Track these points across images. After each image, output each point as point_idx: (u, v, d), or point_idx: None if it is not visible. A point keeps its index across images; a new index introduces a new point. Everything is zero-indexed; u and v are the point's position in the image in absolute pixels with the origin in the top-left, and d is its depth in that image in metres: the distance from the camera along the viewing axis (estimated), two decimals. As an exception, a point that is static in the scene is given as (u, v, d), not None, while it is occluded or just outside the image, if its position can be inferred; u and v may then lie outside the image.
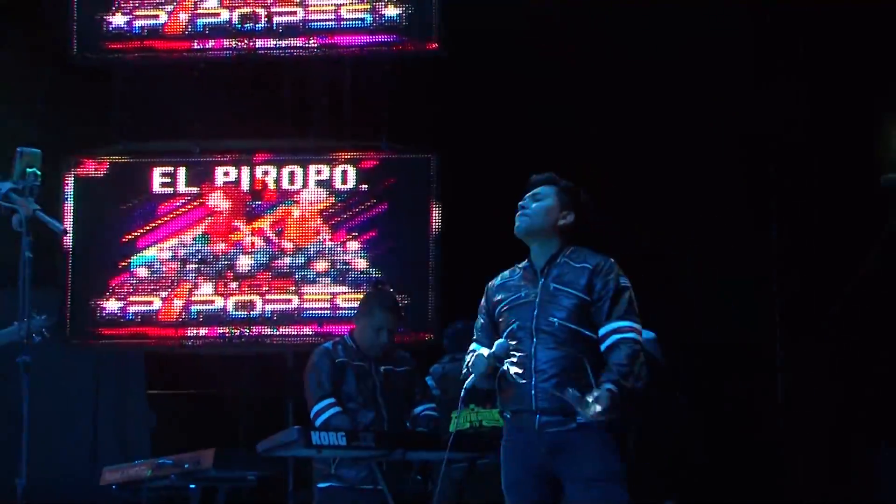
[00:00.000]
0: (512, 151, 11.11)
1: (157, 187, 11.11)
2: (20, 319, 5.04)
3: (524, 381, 5.99)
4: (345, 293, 10.81)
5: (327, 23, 11.09)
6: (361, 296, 8.43)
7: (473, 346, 6.30)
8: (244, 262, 11.01)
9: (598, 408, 5.73)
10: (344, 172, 11.04)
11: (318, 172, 11.05)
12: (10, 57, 11.83)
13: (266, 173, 11.08)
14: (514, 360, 6.02)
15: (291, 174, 11.06)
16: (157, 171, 11.13)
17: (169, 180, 11.11)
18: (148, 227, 11.05)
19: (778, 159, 11.07)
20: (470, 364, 6.12)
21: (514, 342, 6.07)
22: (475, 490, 7.47)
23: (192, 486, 8.05)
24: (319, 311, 10.90)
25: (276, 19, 11.11)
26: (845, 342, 10.70)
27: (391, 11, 10.99)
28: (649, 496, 7.82)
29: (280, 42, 11.13)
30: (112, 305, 10.95)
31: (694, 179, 10.86)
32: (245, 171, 11.09)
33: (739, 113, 10.93)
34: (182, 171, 11.12)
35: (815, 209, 10.71)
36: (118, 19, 11.15)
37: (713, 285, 10.81)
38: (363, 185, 11.02)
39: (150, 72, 11.43)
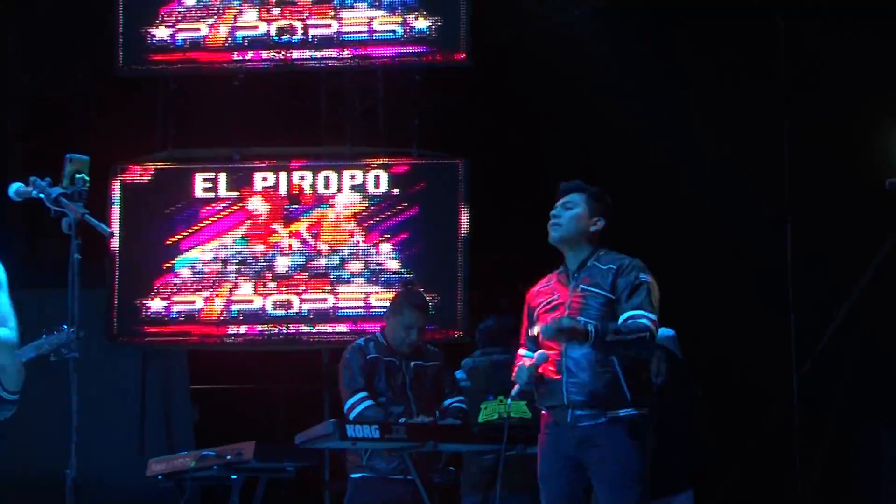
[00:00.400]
0: (537, 156, 11.13)
1: (199, 192, 11.13)
2: (68, 319, 5.04)
3: (557, 378, 6.09)
4: (378, 292, 10.82)
5: (360, 35, 11.09)
6: (393, 295, 8.42)
7: (521, 351, 6.40)
8: (282, 263, 11.02)
9: (558, 325, 5.89)
10: (377, 177, 11.04)
11: (352, 177, 11.05)
12: (60, 70, 11.90)
13: (303, 178, 11.09)
14: (548, 359, 6.10)
15: (327, 179, 11.07)
16: (199, 177, 11.14)
17: (210, 185, 11.13)
18: (190, 230, 11.07)
19: (792, 163, 11.05)
20: (514, 374, 6.24)
21: (543, 349, 6.16)
22: (504, 479, 7.47)
23: (234, 476, 8.04)
24: (353, 310, 10.91)
25: (311, 31, 11.12)
26: (858, 339, 10.67)
27: (421, 24, 10.99)
28: (669, 486, 7.82)
29: (315, 53, 11.14)
30: (157, 305, 10.98)
31: (712, 183, 10.85)
32: (283, 176, 11.10)
33: (753, 119, 10.93)
34: (223, 177, 11.14)
35: (829, 209, 10.68)
36: (162, 32, 11.16)
37: (729, 282, 10.78)
38: (395, 190, 11.02)
39: (192, 82, 11.47)
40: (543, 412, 6.26)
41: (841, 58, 10.68)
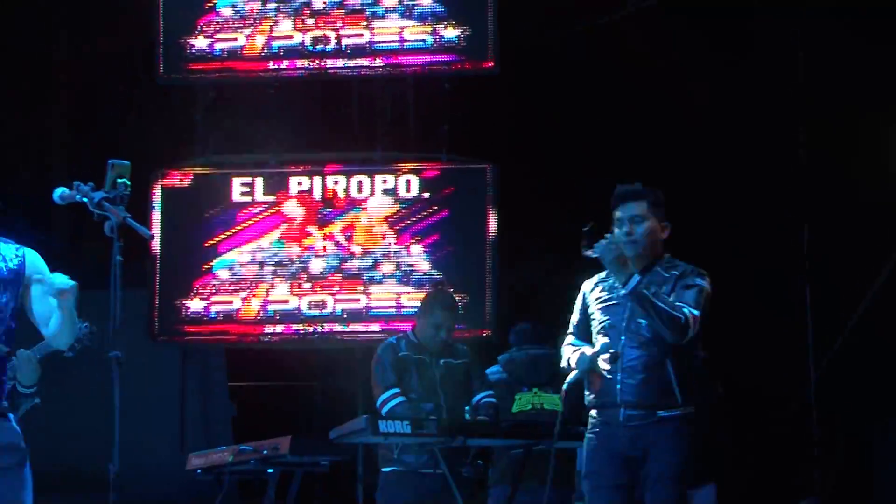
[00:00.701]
0: (563, 161, 11.12)
1: (236, 196, 11.15)
2: (111, 319, 5.05)
3: (611, 376, 6.03)
4: (409, 293, 10.82)
5: (392, 44, 11.11)
6: (423, 295, 8.42)
7: (570, 339, 6.32)
8: (316, 265, 11.04)
9: (614, 246, 5.91)
10: (408, 182, 11.05)
11: (384, 182, 11.06)
12: (104, 79, 11.94)
13: (336, 183, 11.11)
14: (605, 355, 6.07)
15: (359, 183, 11.08)
16: (236, 182, 11.17)
17: (247, 190, 11.15)
18: (228, 233, 11.10)
19: (808, 168, 11.01)
20: (573, 361, 6.14)
21: (604, 339, 6.10)
22: (531, 471, 7.51)
23: (270, 470, 8.06)
24: (385, 310, 10.92)
25: (344, 41, 11.13)
26: (874, 338, 10.61)
27: (450, 33, 10.99)
28: (692, 480, 7.80)
29: (348, 62, 11.16)
30: (196, 305, 11.00)
31: (730, 185, 10.82)
32: (317, 180, 11.11)
33: (769, 124, 10.89)
34: (259, 182, 11.16)
35: (844, 210, 10.63)
36: (200, 42, 11.19)
37: (748, 283, 10.74)
38: (425, 194, 11.03)
39: (229, 90, 11.50)
40: (592, 412, 6.17)
41: (858, 64, 10.62)
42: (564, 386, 6.20)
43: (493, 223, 10.80)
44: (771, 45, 10.92)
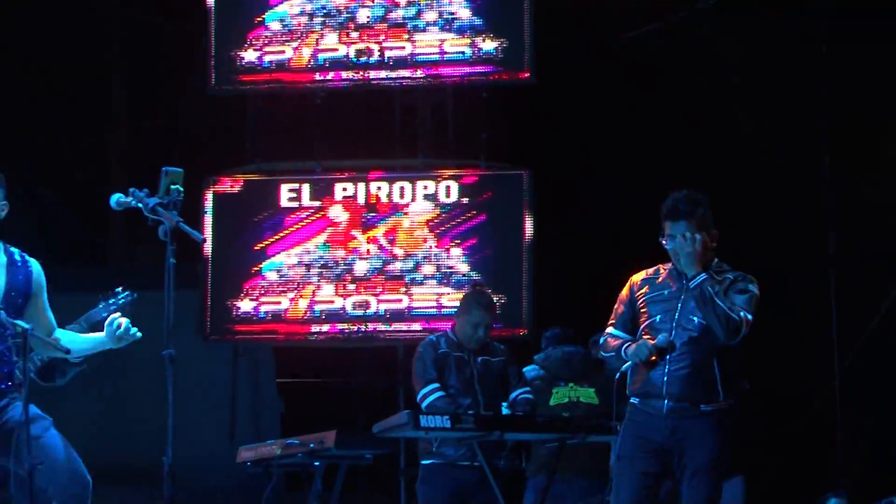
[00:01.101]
0: (596, 167, 11.12)
1: (284, 202, 11.19)
2: (165, 318, 5.10)
3: (659, 368, 6.02)
4: (448, 293, 10.83)
5: (432, 56, 11.12)
6: (462, 295, 8.44)
7: (611, 330, 6.30)
8: (361, 267, 11.06)
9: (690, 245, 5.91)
10: (447, 187, 11.06)
11: (425, 187, 11.08)
12: (157, 91, 12.02)
13: (379, 188, 11.13)
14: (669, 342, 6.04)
15: (401, 189, 11.10)
16: (284, 188, 11.20)
17: (295, 195, 11.19)
18: (277, 237, 11.13)
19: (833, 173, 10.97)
20: (629, 352, 6.10)
21: (653, 332, 6.08)
22: (566, 463, 7.53)
23: (317, 463, 8.08)
24: (426, 310, 10.93)
25: (387, 53, 11.16)
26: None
27: (488, 45, 11.00)
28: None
29: (391, 73, 11.18)
30: (246, 305, 11.04)
31: (758, 183, 10.80)
32: (361, 186, 11.14)
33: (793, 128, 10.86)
34: (306, 188, 11.19)
35: (870, 209, 10.59)
36: (250, 55, 11.23)
37: (775, 282, 10.71)
38: (464, 199, 11.03)
39: (277, 101, 11.55)
40: (634, 400, 6.16)
41: (884, 65, 10.57)
42: (617, 375, 6.21)
43: (528, 227, 10.81)
44: (787, 44, 10.87)
